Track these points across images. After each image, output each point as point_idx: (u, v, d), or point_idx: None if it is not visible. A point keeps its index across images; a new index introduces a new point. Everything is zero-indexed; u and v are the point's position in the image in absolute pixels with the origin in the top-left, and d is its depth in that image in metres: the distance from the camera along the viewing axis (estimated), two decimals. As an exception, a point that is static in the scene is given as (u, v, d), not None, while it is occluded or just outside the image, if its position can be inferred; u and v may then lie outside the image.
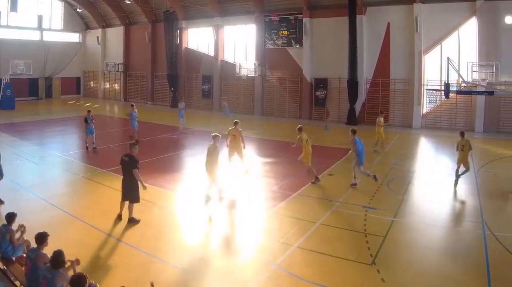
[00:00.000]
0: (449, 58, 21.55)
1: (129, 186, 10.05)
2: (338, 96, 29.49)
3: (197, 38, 37.91)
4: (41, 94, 43.22)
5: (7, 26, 39.47)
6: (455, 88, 23.15)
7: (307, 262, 8.33)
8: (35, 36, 42.55)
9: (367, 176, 13.45)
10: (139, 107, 23.48)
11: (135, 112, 21.44)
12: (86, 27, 47.53)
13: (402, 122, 27.38)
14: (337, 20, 28.39)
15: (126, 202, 10.18)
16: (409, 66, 26.70)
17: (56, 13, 44.33)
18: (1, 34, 38.57)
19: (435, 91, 25.75)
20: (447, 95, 22.51)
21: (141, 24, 41.90)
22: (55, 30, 44.56)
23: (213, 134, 11.79)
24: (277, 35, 32.07)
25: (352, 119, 28.06)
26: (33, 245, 6.60)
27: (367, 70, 28.17)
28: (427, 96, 26.83)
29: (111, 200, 10.82)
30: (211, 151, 11.23)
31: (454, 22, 25.15)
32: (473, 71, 22.86)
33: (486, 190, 13.13)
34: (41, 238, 6.40)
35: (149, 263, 8.14)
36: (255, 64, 32.33)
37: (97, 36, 45.85)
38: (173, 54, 37.76)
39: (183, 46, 38.18)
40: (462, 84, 23.61)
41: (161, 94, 40.27)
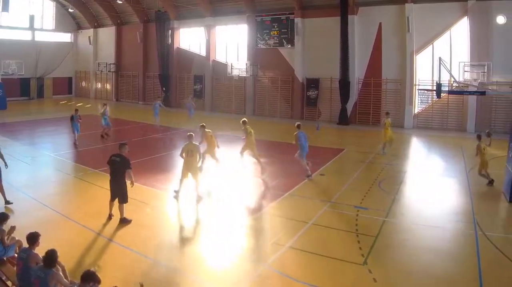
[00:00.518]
0: (440, 58, 21.69)
1: (121, 186, 10.06)
2: (329, 96, 29.50)
3: (189, 38, 37.77)
4: (32, 94, 42.92)
5: (-1, 26, 39.17)
6: (446, 88, 23.27)
7: (299, 262, 8.34)
8: (26, 36, 42.20)
9: (305, 170, 14.27)
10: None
11: (107, 111, 22.38)
12: (77, 27, 47.25)
13: (393, 122, 27.30)
14: (329, 20, 28.39)
15: (114, 201, 10.18)
16: (401, 66, 26.76)
17: (47, 13, 44.00)
18: (-7, 34, 38.24)
19: (427, 91, 25.80)
20: (438, 95, 22.67)
21: (133, 24, 41.72)
22: (47, 30, 44.24)
23: (188, 133, 12.33)
24: (268, 35, 32.04)
25: (343, 119, 28.11)
26: (25, 245, 6.57)
27: (358, 70, 28.21)
28: (419, 96, 26.85)
29: (103, 200, 10.78)
30: (192, 150, 11.80)
31: (445, 22, 25.23)
32: (464, 71, 23.04)
33: (477, 190, 13.20)
34: (33, 238, 6.39)
35: (140, 262, 8.14)
36: (246, 64, 32.28)
37: (89, 36, 45.59)
38: (164, 54, 37.65)
39: (175, 46, 38.02)
40: (453, 84, 23.79)
41: (152, 94, 40.10)
